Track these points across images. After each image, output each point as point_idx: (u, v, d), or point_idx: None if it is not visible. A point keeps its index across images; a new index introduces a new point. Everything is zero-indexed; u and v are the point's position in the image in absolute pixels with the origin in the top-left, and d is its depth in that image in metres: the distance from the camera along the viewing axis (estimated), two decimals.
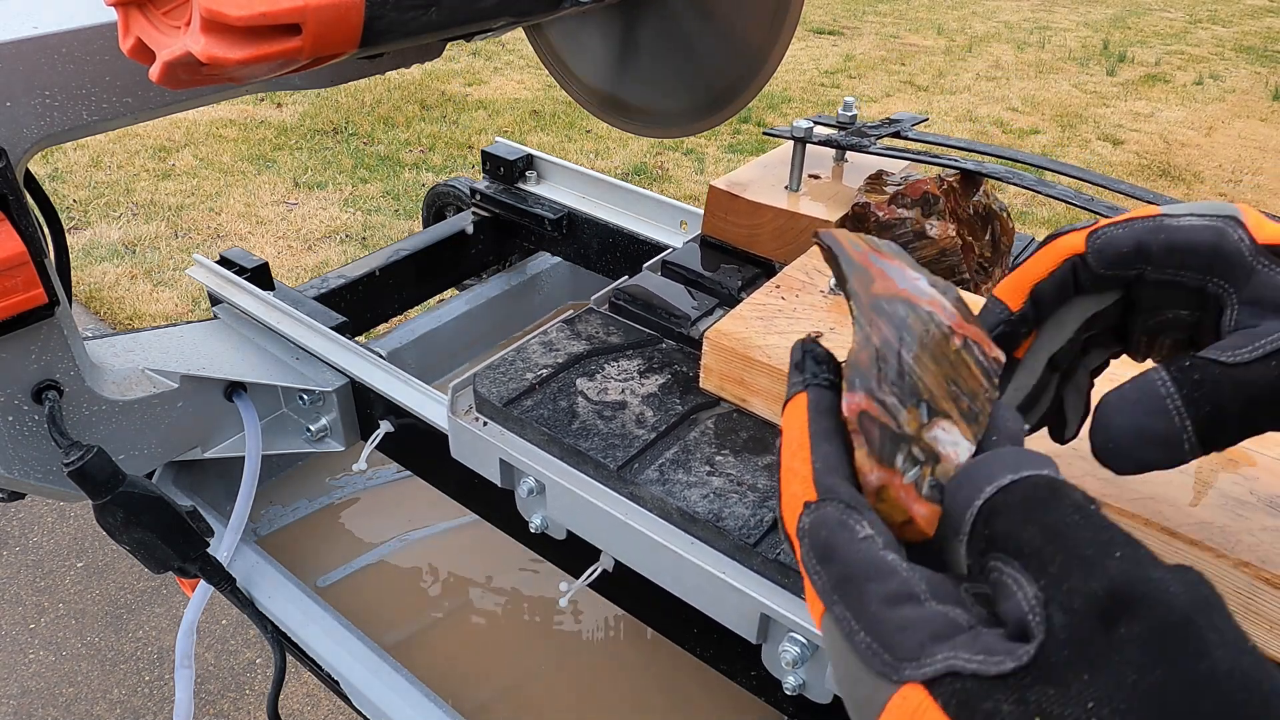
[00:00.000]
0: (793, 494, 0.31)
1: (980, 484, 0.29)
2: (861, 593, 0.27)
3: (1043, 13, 7.48)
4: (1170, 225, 0.39)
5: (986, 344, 0.36)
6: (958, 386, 0.34)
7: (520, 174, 1.29)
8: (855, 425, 0.32)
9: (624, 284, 0.85)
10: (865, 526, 0.28)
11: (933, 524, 0.31)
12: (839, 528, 0.29)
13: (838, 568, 0.28)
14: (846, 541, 0.28)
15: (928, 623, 0.26)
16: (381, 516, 1.20)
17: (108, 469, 0.78)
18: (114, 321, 2.91)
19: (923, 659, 0.25)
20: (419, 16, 0.59)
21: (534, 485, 0.71)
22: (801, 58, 5.85)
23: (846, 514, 0.29)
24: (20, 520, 2.22)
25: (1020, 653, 0.24)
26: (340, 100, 4.66)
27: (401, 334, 1.28)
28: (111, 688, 1.85)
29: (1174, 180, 4.24)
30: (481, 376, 0.73)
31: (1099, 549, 0.25)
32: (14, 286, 0.71)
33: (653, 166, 4.10)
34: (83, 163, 3.90)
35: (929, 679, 0.25)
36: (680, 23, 0.87)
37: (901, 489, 0.31)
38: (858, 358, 0.33)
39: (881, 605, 0.27)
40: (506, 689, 1.00)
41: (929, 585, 0.27)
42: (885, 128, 1.00)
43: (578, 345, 0.77)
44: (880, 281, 0.36)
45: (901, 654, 0.26)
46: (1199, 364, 0.38)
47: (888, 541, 0.28)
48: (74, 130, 0.75)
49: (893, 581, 0.27)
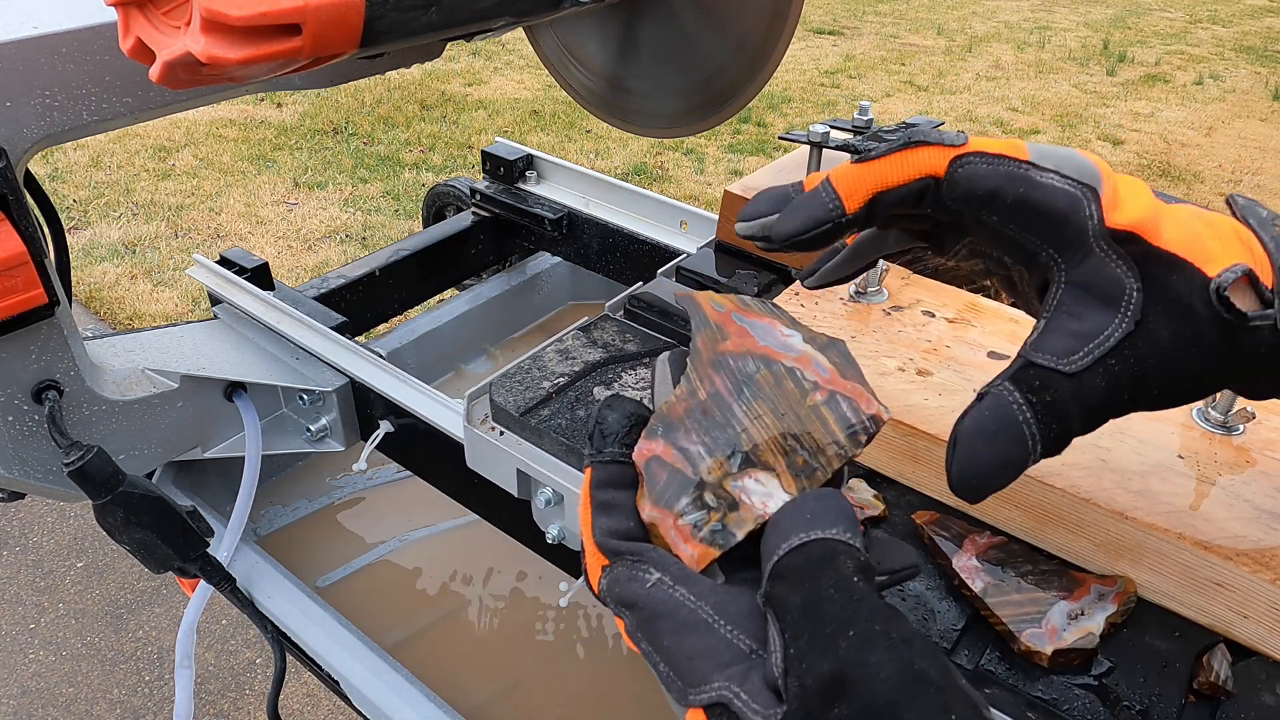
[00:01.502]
0: (590, 564, 0.34)
1: (779, 540, 0.31)
2: (656, 629, 0.31)
3: (1043, 13, 7.48)
4: (1033, 180, 0.37)
5: (864, 400, 0.37)
6: (798, 441, 0.36)
7: (520, 174, 1.29)
8: (641, 469, 0.35)
9: (639, 290, 0.85)
10: (651, 572, 0.32)
11: (700, 565, 0.33)
12: (629, 580, 0.32)
13: (636, 612, 0.31)
14: (638, 589, 0.32)
15: (712, 651, 0.29)
16: (381, 516, 1.20)
17: (108, 469, 0.78)
18: (114, 321, 2.91)
19: (703, 686, 0.29)
20: (419, 16, 0.59)
21: (551, 496, 0.70)
22: (801, 58, 5.85)
23: (633, 568, 0.32)
24: (20, 520, 2.22)
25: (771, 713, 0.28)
26: (340, 100, 4.66)
27: (401, 334, 1.28)
28: (111, 688, 1.85)
29: (1174, 180, 4.24)
30: (498, 385, 0.72)
31: (838, 627, 0.28)
32: (14, 286, 0.71)
33: (653, 166, 4.10)
34: (83, 163, 3.90)
35: (706, 705, 0.29)
36: (680, 22, 0.87)
37: (674, 528, 0.34)
38: (671, 409, 0.36)
39: (672, 637, 0.30)
40: (506, 689, 1.00)
41: (722, 610, 0.30)
42: (902, 132, 0.99)
43: (594, 353, 0.77)
44: (735, 340, 0.38)
45: (689, 680, 0.29)
46: (1043, 376, 0.37)
47: (679, 576, 0.32)
48: (74, 130, 0.75)
49: (681, 614, 0.30)
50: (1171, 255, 0.37)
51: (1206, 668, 0.49)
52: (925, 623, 0.53)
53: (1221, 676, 0.48)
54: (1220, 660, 0.49)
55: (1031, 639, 0.49)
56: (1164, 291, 0.37)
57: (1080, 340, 0.37)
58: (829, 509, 0.32)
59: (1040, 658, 0.49)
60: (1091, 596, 0.51)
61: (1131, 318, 0.37)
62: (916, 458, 0.60)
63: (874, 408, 0.37)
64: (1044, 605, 0.51)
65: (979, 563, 0.54)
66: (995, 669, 0.50)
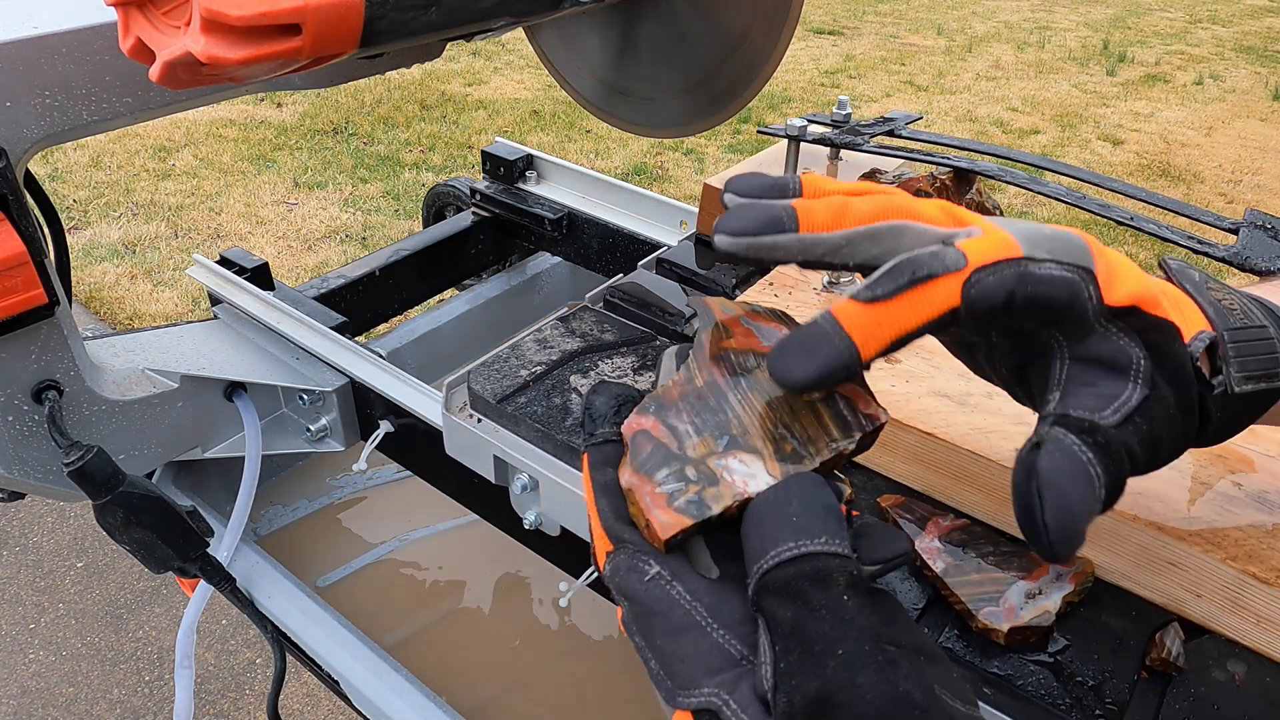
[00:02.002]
0: (597, 546, 0.35)
1: (763, 543, 0.31)
2: (650, 626, 0.31)
3: (1043, 13, 7.48)
4: (1035, 275, 0.36)
5: (863, 401, 0.37)
6: (788, 430, 0.36)
7: (520, 174, 1.29)
8: (627, 440, 0.36)
9: (619, 281, 0.86)
10: (652, 565, 0.32)
11: (669, 532, 0.33)
12: (630, 571, 0.32)
13: (634, 605, 0.32)
14: (636, 582, 0.32)
15: (703, 656, 0.30)
16: (381, 516, 1.20)
17: (108, 469, 0.78)
18: (114, 321, 2.91)
19: (692, 690, 0.30)
20: (419, 16, 0.59)
21: (527, 482, 0.71)
22: (801, 58, 5.86)
23: (635, 557, 0.33)
24: (20, 520, 2.23)
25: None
26: (340, 100, 4.66)
27: (401, 334, 1.28)
28: (111, 688, 1.85)
29: (1174, 180, 4.24)
30: (476, 373, 0.74)
31: (827, 647, 0.28)
32: (14, 286, 0.71)
33: (653, 166, 4.10)
34: (83, 163, 3.90)
35: (695, 709, 0.30)
36: (680, 22, 0.87)
37: (650, 495, 0.34)
38: (667, 392, 0.37)
39: (665, 637, 0.31)
40: (506, 689, 1.00)
41: (716, 612, 0.31)
42: (879, 126, 1.01)
43: (572, 342, 0.78)
44: (740, 339, 0.39)
45: (679, 682, 0.30)
46: (1094, 428, 0.36)
47: (678, 572, 0.32)
48: (74, 130, 0.75)
49: (675, 614, 0.31)
50: (1170, 324, 0.38)
51: (1159, 645, 0.50)
52: None
53: (1173, 653, 0.50)
54: (1173, 638, 0.50)
55: (989, 617, 0.51)
56: (1168, 358, 0.38)
57: (1106, 400, 0.37)
58: (814, 508, 0.32)
59: (997, 635, 0.50)
60: (1050, 576, 0.53)
61: (1145, 383, 0.37)
62: (883, 442, 0.61)
63: (871, 408, 0.37)
64: (1002, 585, 0.52)
65: (941, 544, 0.55)
66: (953, 646, 0.51)
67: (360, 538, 1.17)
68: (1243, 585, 0.50)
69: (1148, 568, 0.53)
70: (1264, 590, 0.49)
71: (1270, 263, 0.75)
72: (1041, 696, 0.49)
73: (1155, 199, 0.87)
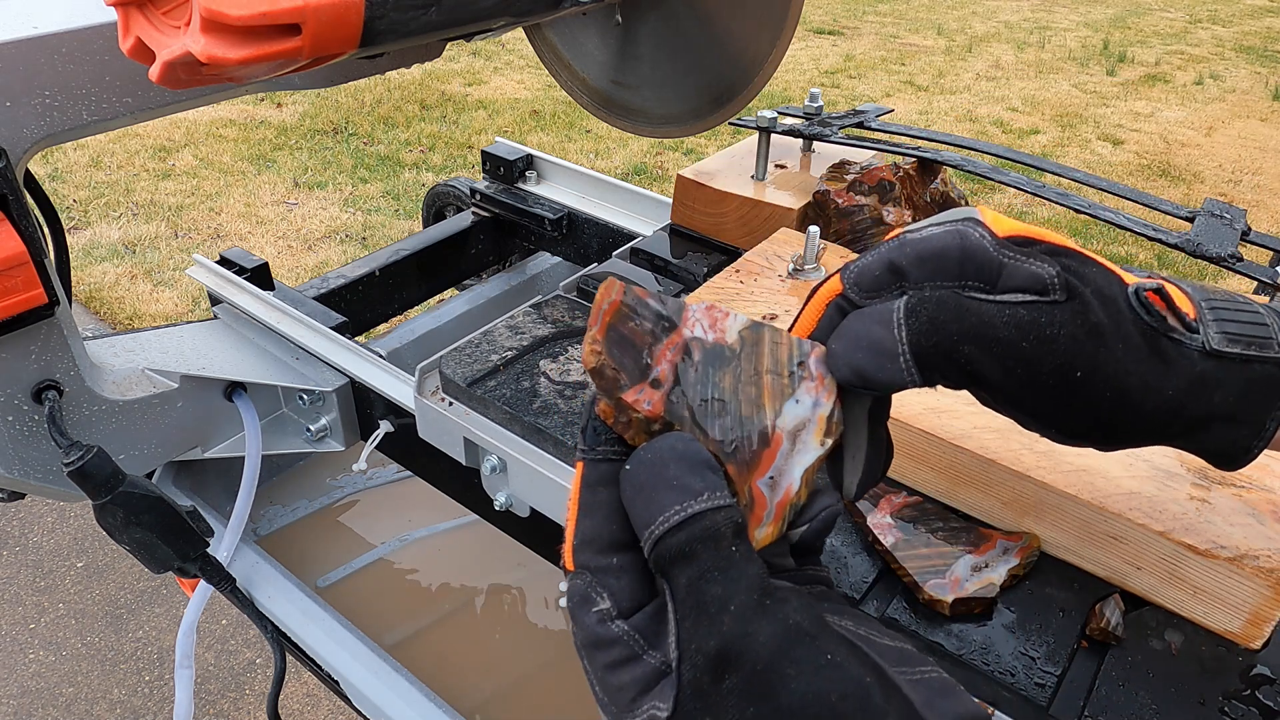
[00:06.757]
0: (565, 561, 0.36)
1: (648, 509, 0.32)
2: (593, 658, 0.33)
3: (1043, 13, 7.48)
4: (913, 239, 0.38)
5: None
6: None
7: (520, 174, 1.29)
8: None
9: (593, 270, 0.88)
10: (603, 599, 0.33)
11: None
12: (582, 601, 0.33)
13: (581, 634, 0.33)
14: (585, 614, 0.33)
15: (638, 681, 0.31)
16: (381, 516, 1.20)
17: (108, 469, 0.78)
18: (114, 321, 2.91)
19: (633, 711, 0.31)
20: (419, 16, 0.59)
21: (497, 463, 0.73)
22: (801, 58, 5.86)
23: (590, 587, 0.33)
24: (20, 520, 2.23)
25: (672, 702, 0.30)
26: (340, 100, 4.66)
27: (401, 334, 1.28)
28: (111, 688, 1.85)
29: (1174, 180, 4.24)
30: (448, 358, 0.75)
31: (720, 605, 0.30)
32: (14, 286, 0.71)
33: (653, 166, 4.10)
34: (83, 163, 3.90)
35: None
36: (680, 22, 0.87)
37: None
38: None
39: (604, 670, 0.32)
40: (506, 689, 1.00)
41: (647, 636, 0.32)
42: (849, 118, 1.02)
43: (543, 329, 0.79)
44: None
45: (620, 707, 0.32)
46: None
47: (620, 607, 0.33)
48: (74, 130, 0.75)
49: (614, 651, 0.32)
50: (1082, 252, 0.39)
51: (1098, 616, 0.52)
52: (838, 575, 0.56)
53: (1112, 623, 0.51)
54: (1113, 609, 0.52)
55: (934, 589, 0.53)
56: (1086, 280, 0.38)
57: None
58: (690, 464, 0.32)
59: (942, 606, 0.52)
60: (996, 550, 0.55)
61: (1060, 291, 0.37)
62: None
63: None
64: (950, 558, 0.55)
65: (892, 520, 0.57)
66: (900, 617, 0.53)
67: (360, 538, 1.17)
68: (1179, 557, 0.52)
69: (1090, 542, 0.55)
70: (1199, 562, 0.51)
71: (1222, 248, 0.76)
72: (983, 665, 0.50)
73: (1116, 188, 0.88)
